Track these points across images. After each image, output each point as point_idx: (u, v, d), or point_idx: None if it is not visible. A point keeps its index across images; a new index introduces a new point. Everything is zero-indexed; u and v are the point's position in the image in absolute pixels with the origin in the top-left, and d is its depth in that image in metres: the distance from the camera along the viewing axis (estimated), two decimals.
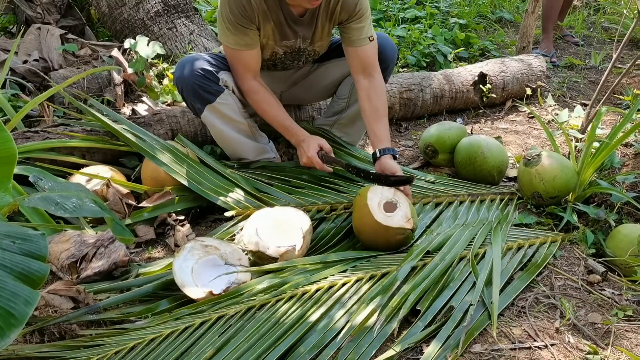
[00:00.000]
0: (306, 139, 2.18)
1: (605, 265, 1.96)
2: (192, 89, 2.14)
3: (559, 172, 2.21)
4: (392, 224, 1.91)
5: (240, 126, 2.26)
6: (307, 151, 2.15)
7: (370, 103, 2.18)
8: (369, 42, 2.16)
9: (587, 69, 4.00)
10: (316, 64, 2.44)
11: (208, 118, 2.21)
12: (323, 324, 1.60)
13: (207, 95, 2.15)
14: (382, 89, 2.22)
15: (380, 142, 2.15)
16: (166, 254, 2.01)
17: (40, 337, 1.54)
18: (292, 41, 2.18)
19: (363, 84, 2.19)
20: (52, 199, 1.40)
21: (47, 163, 2.20)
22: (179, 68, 2.18)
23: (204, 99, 2.16)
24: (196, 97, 2.16)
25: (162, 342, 1.54)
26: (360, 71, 2.19)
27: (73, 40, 3.35)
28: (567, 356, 1.57)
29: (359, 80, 2.20)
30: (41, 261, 1.13)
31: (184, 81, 2.15)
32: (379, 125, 2.17)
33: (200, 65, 2.14)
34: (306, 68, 2.45)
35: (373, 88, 2.18)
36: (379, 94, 2.20)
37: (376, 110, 2.18)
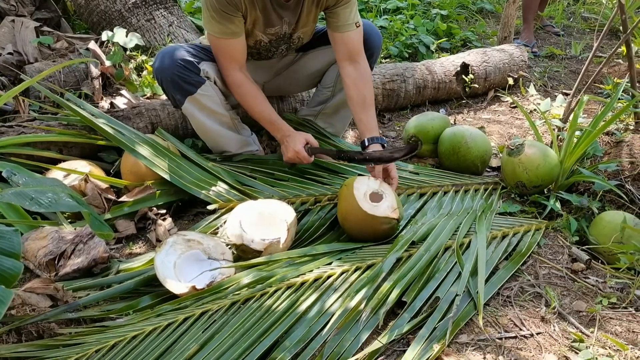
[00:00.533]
0: (292, 134, 2.15)
1: (589, 253, 1.97)
2: (172, 80, 2.10)
3: (542, 161, 2.21)
4: (378, 213, 1.89)
5: (222, 118, 2.22)
6: (294, 146, 2.11)
7: (358, 90, 2.14)
8: (355, 28, 2.13)
9: (568, 59, 4.02)
10: (300, 52, 2.41)
11: (189, 110, 2.17)
12: (309, 317, 1.58)
13: (187, 86, 2.10)
14: (369, 76, 2.19)
15: (369, 131, 2.13)
16: (147, 249, 1.97)
17: (17, 337, 1.50)
18: (277, 27, 2.13)
19: (349, 71, 2.15)
20: (26, 194, 1.35)
21: (23, 158, 2.14)
22: (158, 59, 2.13)
23: (184, 90, 2.11)
24: (176, 88, 2.11)
25: (144, 339, 1.50)
26: (346, 57, 2.15)
27: (48, 33, 3.27)
28: (553, 344, 1.57)
29: (344, 67, 2.16)
30: (14, 258, 1.09)
31: (163, 72, 2.10)
32: (367, 114, 2.14)
33: (180, 55, 2.09)
34: (289, 57, 2.41)
35: (359, 75, 2.15)
36: (366, 81, 2.16)
37: (363, 98, 2.14)
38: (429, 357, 1.46)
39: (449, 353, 1.51)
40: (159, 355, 1.45)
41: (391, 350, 1.53)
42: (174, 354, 1.45)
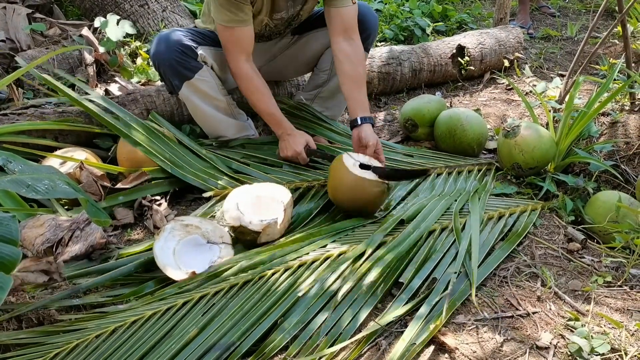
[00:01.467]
0: (293, 133, 2.15)
1: (585, 233, 1.98)
2: (169, 65, 2.08)
3: (537, 142, 2.21)
4: (368, 177, 1.91)
5: (218, 103, 2.22)
6: (295, 146, 2.13)
7: (351, 66, 2.11)
8: (352, 4, 2.11)
9: (564, 40, 4.00)
10: (295, 35, 2.39)
11: (185, 95, 2.16)
12: (307, 299, 1.59)
13: (185, 71, 2.09)
14: (362, 54, 2.17)
15: (360, 109, 2.11)
16: (145, 235, 1.98)
17: (17, 324, 1.51)
18: (283, 12, 2.12)
19: (343, 47, 2.12)
20: (23, 182, 1.35)
21: (18, 146, 2.14)
22: (155, 43, 2.11)
23: (182, 75, 2.10)
24: (174, 73, 2.10)
25: (144, 324, 1.51)
26: (341, 32, 2.12)
27: (41, 20, 3.24)
28: (549, 323, 1.58)
29: (338, 43, 2.13)
30: (13, 245, 1.09)
31: (161, 57, 2.09)
32: (360, 91, 2.13)
33: (178, 40, 2.08)
34: (285, 40, 2.39)
35: (353, 51, 2.13)
36: (360, 58, 2.15)
37: (357, 75, 2.12)
38: (426, 337, 1.48)
39: (446, 333, 1.52)
40: (159, 339, 1.46)
41: (389, 331, 1.54)
42: (174, 338, 1.46)
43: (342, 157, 1.96)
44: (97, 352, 1.42)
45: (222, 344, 1.44)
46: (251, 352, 1.44)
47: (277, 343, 1.46)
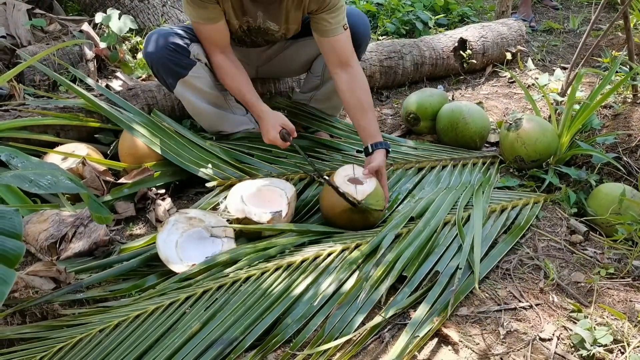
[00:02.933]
0: (266, 117, 2.04)
1: (587, 225, 1.98)
2: (163, 63, 2.08)
3: (540, 135, 2.21)
4: (344, 189, 1.84)
5: (214, 99, 2.21)
6: (267, 134, 2.02)
7: (354, 96, 2.07)
8: (343, 30, 2.05)
9: (566, 33, 3.99)
10: (289, 40, 2.37)
11: (180, 92, 2.15)
12: (310, 294, 1.59)
13: (178, 69, 2.09)
14: (363, 79, 2.11)
15: (370, 137, 2.06)
16: (148, 230, 1.98)
17: (21, 319, 1.51)
18: (252, 19, 2.10)
19: (342, 78, 2.08)
20: (25, 177, 1.35)
21: (20, 142, 2.14)
22: (147, 43, 2.11)
23: (175, 74, 2.10)
24: (167, 72, 2.10)
25: (147, 318, 1.52)
26: (337, 64, 2.07)
27: (41, 15, 3.24)
28: (552, 315, 1.58)
29: (337, 74, 2.08)
30: (16, 239, 1.09)
31: (154, 56, 2.08)
32: (366, 119, 2.07)
33: (170, 38, 2.07)
34: (280, 44, 2.37)
35: (353, 80, 2.08)
36: (361, 84, 2.09)
37: (360, 103, 2.07)
38: (430, 330, 1.48)
39: (449, 325, 1.52)
40: (162, 333, 1.46)
41: (392, 324, 1.54)
42: (177, 332, 1.46)
43: (337, 170, 1.93)
44: (100, 347, 1.43)
45: (225, 339, 1.44)
46: (254, 346, 1.45)
47: (280, 337, 1.46)
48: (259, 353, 1.42)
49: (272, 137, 2.01)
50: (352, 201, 1.83)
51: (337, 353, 1.44)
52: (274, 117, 2.03)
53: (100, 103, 2.22)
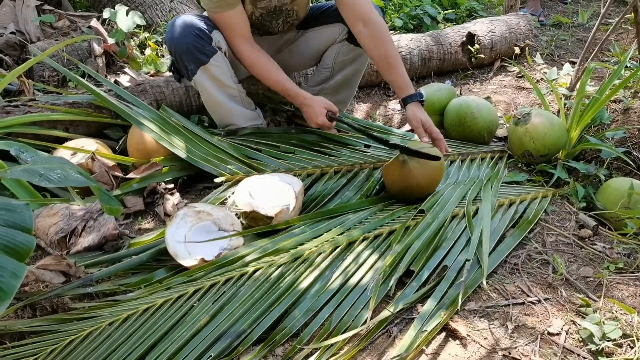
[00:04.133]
0: (310, 103, 2.10)
1: (596, 220, 1.97)
2: (187, 48, 2.07)
3: (548, 130, 2.20)
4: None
5: (230, 91, 2.21)
6: (315, 117, 2.10)
7: (378, 51, 2.08)
8: None
9: (575, 27, 3.96)
10: (300, 30, 2.38)
11: (200, 81, 2.14)
12: (317, 287, 1.59)
13: (201, 55, 2.08)
14: (387, 32, 2.11)
15: (402, 90, 2.08)
16: (156, 224, 1.99)
17: (32, 312, 1.52)
18: (266, 1, 2.10)
19: (364, 33, 2.09)
20: (35, 171, 1.36)
21: (30, 138, 2.15)
22: (171, 28, 2.09)
23: (197, 60, 2.09)
24: (191, 57, 2.08)
25: (156, 311, 1.52)
26: (359, 19, 2.08)
27: (50, 12, 3.26)
28: (560, 310, 1.58)
29: (359, 32, 2.09)
30: (26, 233, 1.10)
31: (177, 41, 2.07)
32: (395, 73, 2.08)
33: (193, 23, 2.06)
34: (290, 35, 2.38)
35: (376, 34, 2.08)
36: (384, 38, 2.09)
37: (387, 57, 2.08)
38: (438, 324, 1.48)
39: (457, 320, 1.52)
40: (171, 326, 1.47)
41: (400, 319, 1.54)
42: (185, 325, 1.47)
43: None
44: (110, 340, 1.44)
45: (233, 332, 1.45)
46: (262, 339, 1.45)
47: (287, 330, 1.46)
48: (266, 346, 1.42)
49: (321, 121, 2.09)
50: (434, 156, 1.91)
51: (345, 347, 1.44)
52: (318, 102, 2.10)
53: (109, 98, 2.23)
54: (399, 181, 1.96)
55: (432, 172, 1.95)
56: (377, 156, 2.23)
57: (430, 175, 1.96)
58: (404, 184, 1.95)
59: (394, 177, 1.97)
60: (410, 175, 1.92)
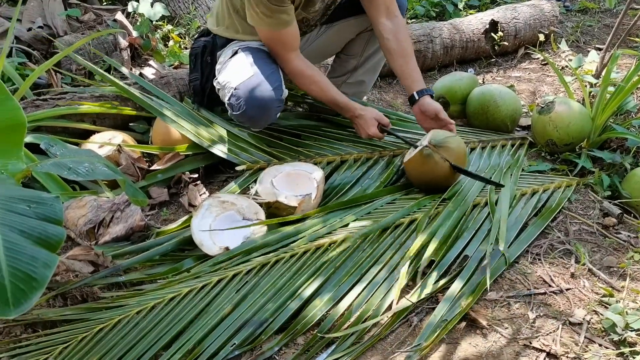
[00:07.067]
0: (361, 114, 2.11)
1: (621, 208, 1.94)
2: (259, 125, 2.13)
3: (573, 118, 2.17)
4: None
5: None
6: (367, 129, 2.10)
7: (399, 44, 2.11)
8: None
9: (602, 12, 3.87)
10: (324, 26, 2.34)
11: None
12: (338, 277, 1.62)
13: (270, 121, 2.08)
14: (406, 28, 2.16)
15: (415, 84, 2.10)
16: (181, 214, 2.03)
17: (63, 301, 1.58)
18: (318, 5, 2.08)
19: (387, 26, 2.12)
20: (64, 164, 1.40)
21: (58, 130, 2.21)
22: (247, 105, 1.95)
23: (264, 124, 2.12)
24: (257, 125, 2.14)
25: (181, 300, 1.57)
26: (384, 13, 2.11)
27: (76, 5, 3.32)
28: (582, 299, 1.57)
29: (382, 23, 2.12)
30: (57, 224, 1.14)
31: (254, 122, 2.06)
32: (410, 67, 2.12)
33: (274, 106, 1.98)
34: (313, 32, 2.36)
35: (398, 28, 2.12)
36: (405, 33, 2.14)
37: (404, 51, 2.12)
38: (458, 314, 1.49)
39: (478, 310, 1.53)
40: (195, 315, 1.51)
41: (420, 308, 1.56)
42: (209, 314, 1.51)
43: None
44: (138, 327, 1.49)
45: (256, 320, 1.48)
46: (283, 328, 1.49)
47: (309, 319, 1.49)
48: (288, 335, 1.45)
49: (373, 133, 2.11)
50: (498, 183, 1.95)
51: (365, 336, 1.46)
52: (370, 114, 2.11)
53: (134, 91, 2.27)
54: (425, 174, 1.97)
55: (458, 163, 1.95)
56: (396, 143, 2.23)
57: (463, 160, 1.99)
58: (430, 176, 1.96)
59: (419, 170, 1.98)
60: (436, 167, 1.93)
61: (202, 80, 2.22)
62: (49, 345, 1.44)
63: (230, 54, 2.09)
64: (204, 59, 2.21)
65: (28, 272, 1.02)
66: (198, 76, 2.23)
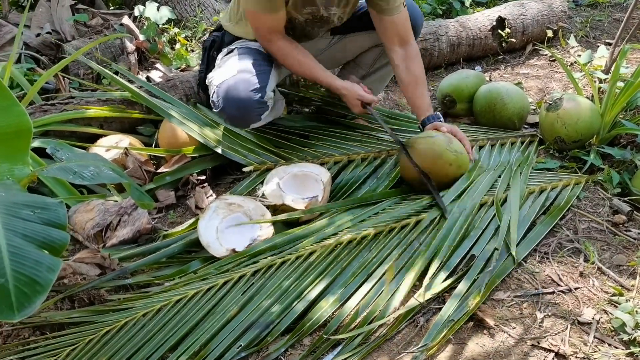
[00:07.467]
0: (345, 94, 2.09)
1: (631, 205, 1.92)
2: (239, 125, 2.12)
3: (581, 115, 2.15)
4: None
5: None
6: (353, 108, 2.12)
7: (409, 73, 2.11)
8: (403, 8, 2.06)
9: (612, 7, 3.83)
10: (337, 36, 2.33)
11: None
12: (344, 278, 1.61)
13: (252, 122, 2.06)
14: (419, 55, 2.15)
15: (423, 112, 2.10)
16: (188, 216, 2.04)
17: (70, 304, 1.59)
18: (314, 8, 2.04)
19: (400, 54, 2.11)
20: (70, 169, 1.41)
21: (66, 135, 2.23)
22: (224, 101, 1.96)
23: (247, 125, 2.10)
24: (239, 125, 2.14)
25: (187, 302, 1.57)
26: (397, 41, 2.10)
27: (83, 10, 3.34)
28: (591, 299, 1.55)
29: (395, 51, 2.11)
30: (61, 229, 1.15)
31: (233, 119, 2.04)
32: (419, 94, 2.12)
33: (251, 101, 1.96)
34: (326, 41, 2.34)
35: (410, 57, 2.11)
36: (417, 61, 2.13)
37: (415, 79, 2.11)
38: (465, 314, 1.48)
39: (485, 310, 1.52)
40: (202, 317, 1.52)
41: (427, 309, 1.55)
42: (215, 316, 1.51)
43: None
44: (144, 330, 1.49)
45: (262, 322, 1.48)
46: (290, 329, 1.48)
47: (315, 320, 1.49)
48: (294, 336, 1.45)
49: (356, 112, 2.13)
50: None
51: (372, 336, 1.46)
52: (353, 94, 2.09)
53: (142, 94, 2.29)
54: (403, 169, 2.01)
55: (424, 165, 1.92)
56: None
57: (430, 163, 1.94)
58: (406, 172, 2.00)
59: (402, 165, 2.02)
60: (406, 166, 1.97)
61: (206, 73, 2.23)
62: (56, 348, 1.45)
63: (226, 52, 2.12)
64: (211, 53, 2.23)
65: (32, 276, 1.03)
66: (203, 69, 2.25)
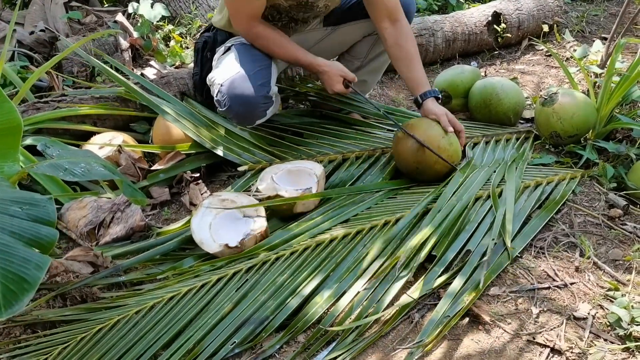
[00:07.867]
0: (326, 70, 2.08)
1: (627, 199, 1.91)
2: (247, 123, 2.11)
3: (577, 109, 2.14)
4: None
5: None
6: (333, 86, 2.09)
7: (401, 49, 2.09)
8: None
9: (607, 1, 3.82)
10: (329, 27, 2.32)
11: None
12: (339, 273, 1.60)
13: (258, 119, 2.06)
14: (410, 31, 2.13)
15: (419, 87, 2.09)
16: (182, 214, 2.03)
17: (62, 302, 1.58)
18: None
19: (390, 32, 2.09)
20: (60, 165, 1.40)
21: (59, 132, 2.21)
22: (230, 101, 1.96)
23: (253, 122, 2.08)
24: (245, 123, 2.12)
25: (181, 300, 1.56)
26: (386, 17, 2.08)
27: (77, 8, 3.33)
28: (587, 294, 1.55)
29: (385, 28, 2.09)
30: (50, 226, 1.14)
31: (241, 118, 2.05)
32: (414, 70, 2.10)
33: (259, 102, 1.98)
34: (319, 33, 2.32)
35: (401, 33, 2.09)
36: (408, 37, 2.11)
37: (408, 55, 2.10)
38: (461, 310, 1.47)
39: (480, 305, 1.51)
40: (195, 314, 1.50)
41: (422, 304, 1.54)
42: (209, 313, 1.50)
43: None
44: (137, 327, 1.48)
45: (256, 318, 1.47)
46: (284, 326, 1.47)
47: (309, 317, 1.48)
48: (289, 333, 1.44)
49: (338, 89, 2.10)
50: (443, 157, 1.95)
51: (366, 333, 1.45)
52: (336, 71, 2.08)
53: (138, 90, 2.27)
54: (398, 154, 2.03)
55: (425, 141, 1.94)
56: None
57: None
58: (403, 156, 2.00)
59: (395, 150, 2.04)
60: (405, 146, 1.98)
61: (201, 75, 2.23)
62: (48, 346, 1.43)
63: (224, 50, 2.11)
64: (204, 54, 2.22)
65: (19, 274, 1.02)
66: (198, 71, 2.24)
